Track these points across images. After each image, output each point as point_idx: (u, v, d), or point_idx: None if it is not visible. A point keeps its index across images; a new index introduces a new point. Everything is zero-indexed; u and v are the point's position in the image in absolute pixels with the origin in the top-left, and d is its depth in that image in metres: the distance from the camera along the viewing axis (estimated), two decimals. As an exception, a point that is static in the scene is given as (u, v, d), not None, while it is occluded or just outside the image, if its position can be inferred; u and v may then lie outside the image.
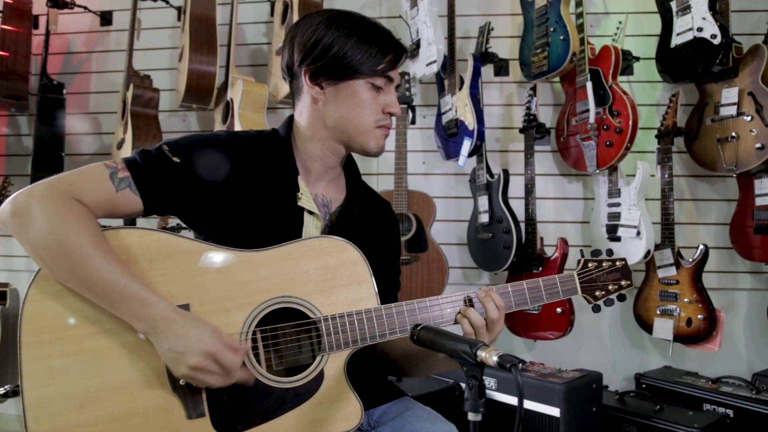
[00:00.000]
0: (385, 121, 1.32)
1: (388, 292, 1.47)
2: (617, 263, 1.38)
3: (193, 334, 1.07)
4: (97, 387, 1.09)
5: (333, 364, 1.20)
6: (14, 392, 1.19)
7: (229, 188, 1.26)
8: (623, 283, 1.38)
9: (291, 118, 1.39)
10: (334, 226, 1.34)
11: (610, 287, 1.38)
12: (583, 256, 1.39)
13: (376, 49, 1.26)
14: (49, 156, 3.11)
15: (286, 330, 1.21)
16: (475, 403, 0.93)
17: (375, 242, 1.41)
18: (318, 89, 1.29)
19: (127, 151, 2.93)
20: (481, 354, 0.94)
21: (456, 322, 1.26)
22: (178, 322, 1.08)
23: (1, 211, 1.11)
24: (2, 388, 1.23)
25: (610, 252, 1.40)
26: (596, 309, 1.38)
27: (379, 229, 1.46)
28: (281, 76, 1.41)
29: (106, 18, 3.35)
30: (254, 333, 1.18)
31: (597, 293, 1.37)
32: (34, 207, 1.08)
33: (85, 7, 3.21)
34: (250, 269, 1.19)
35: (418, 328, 1.12)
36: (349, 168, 1.44)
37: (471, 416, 0.93)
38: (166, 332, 1.07)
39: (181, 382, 1.11)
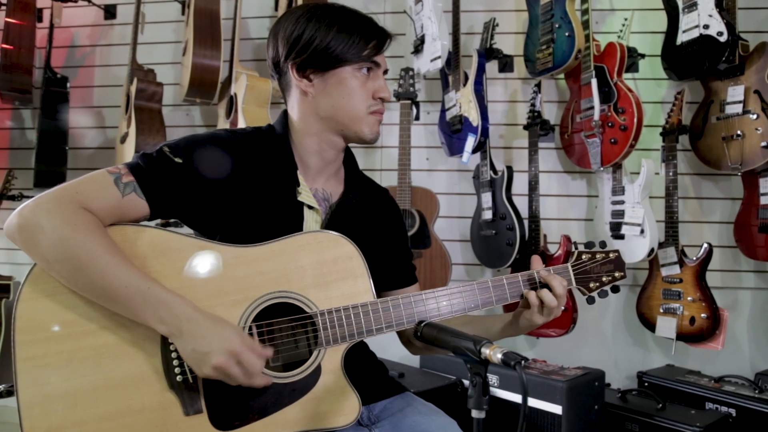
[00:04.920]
0: (377, 107, 1.32)
1: (404, 274, 1.49)
2: (611, 255, 1.39)
3: (217, 333, 1.07)
4: (93, 385, 1.08)
5: (330, 359, 1.20)
6: (9, 392, 1.18)
7: (230, 186, 1.25)
8: (617, 274, 1.39)
9: (285, 113, 1.39)
10: (332, 220, 1.34)
11: (603, 279, 1.38)
12: (576, 248, 1.40)
13: (359, 36, 1.27)
14: (53, 149, 3.11)
15: (282, 325, 1.21)
16: (479, 400, 0.92)
17: (377, 230, 1.43)
18: (306, 82, 1.30)
19: (130, 144, 2.92)
20: (486, 351, 0.94)
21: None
22: (202, 321, 1.07)
23: (7, 226, 1.10)
24: None
25: (603, 244, 1.40)
26: (590, 300, 1.38)
27: (380, 217, 1.46)
28: None
29: (110, 11, 3.35)
30: (251, 328, 1.17)
31: (591, 285, 1.38)
32: (42, 219, 1.07)
33: (90, 1, 3.21)
34: (245, 265, 1.18)
35: (422, 324, 1.12)
36: (348, 161, 1.44)
37: (475, 413, 0.92)
38: (191, 332, 1.06)
39: (178, 378, 1.11)
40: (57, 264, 1.07)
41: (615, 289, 1.40)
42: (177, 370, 1.11)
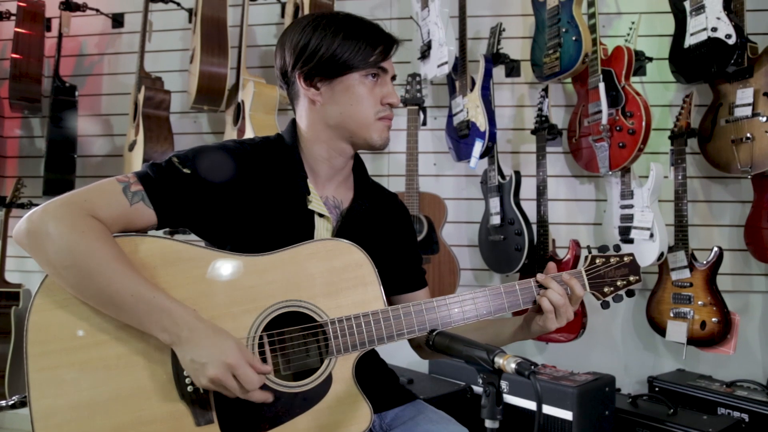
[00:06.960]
0: (385, 112, 1.32)
1: (414, 278, 1.49)
2: (625, 258, 1.38)
3: (216, 345, 1.06)
4: (105, 396, 1.08)
5: (341, 368, 1.19)
6: (22, 403, 1.19)
7: (240, 196, 1.26)
8: (631, 278, 1.38)
9: (294, 122, 1.39)
10: (342, 227, 1.34)
11: (618, 283, 1.37)
12: (590, 253, 1.39)
13: (364, 42, 1.27)
14: (62, 157, 3.13)
15: (293, 334, 1.20)
16: (493, 410, 0.92)
17: (388, 235, 1.43)
18: (314, 90, 1.30)
19: (138, 152, 2.94)
20: (499, 361, 0.93)
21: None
22: (202, 332, 1.07)
23: (16, 232, 1.11)
24: (10, 399, 1.23)
25: (617, 248, 1.39)
26: (605, 305, 1.37)
27: (390, 222, 1.46)
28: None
29: (117, 20, 3.37)
30: (261, 338, 1.17)
31: (605, 289, 1.36)
32: (50, 226, 1.07)
33: (97, 10, 3.24)
34: (255, 274, 1.18)
35: (434, 333, 1.11)
36: (358, 168, 1.44)
37: (488, 423, 0.92)
38: (190, 342, 1.06)
39: (189, 389, 1.11)
40: (64, 270, 1.07)
41: (630, 294, 1.38)
42: (187, 380, 1.11)
